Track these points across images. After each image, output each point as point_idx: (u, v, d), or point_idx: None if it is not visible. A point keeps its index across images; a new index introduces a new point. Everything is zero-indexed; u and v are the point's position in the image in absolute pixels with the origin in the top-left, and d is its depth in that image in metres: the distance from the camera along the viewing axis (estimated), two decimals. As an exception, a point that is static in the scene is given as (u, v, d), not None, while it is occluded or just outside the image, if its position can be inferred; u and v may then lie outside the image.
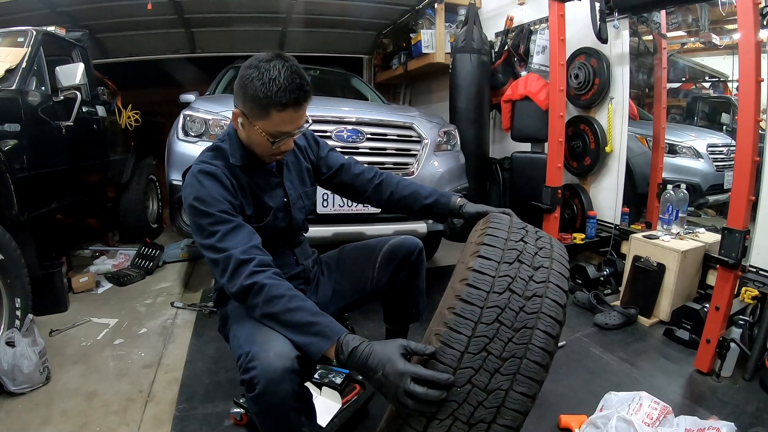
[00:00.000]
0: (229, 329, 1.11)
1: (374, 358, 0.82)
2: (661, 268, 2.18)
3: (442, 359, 0.78)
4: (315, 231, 1.44)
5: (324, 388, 1.57)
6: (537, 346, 0.79)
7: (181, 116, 2.26)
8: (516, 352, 0.78)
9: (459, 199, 1.26)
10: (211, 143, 1.19)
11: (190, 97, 2.77)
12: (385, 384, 0.80)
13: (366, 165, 1.38)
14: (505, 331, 0.79)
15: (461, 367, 0.78)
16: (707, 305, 1.85)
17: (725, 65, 3.51)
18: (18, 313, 1.79)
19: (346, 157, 1.39)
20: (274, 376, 0.86)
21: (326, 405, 1.49)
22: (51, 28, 2.55)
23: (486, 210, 1.16)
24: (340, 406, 1.50)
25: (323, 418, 1.44)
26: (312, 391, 1.53)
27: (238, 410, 1.45)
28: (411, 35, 4.15)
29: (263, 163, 1.18)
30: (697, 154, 3.20)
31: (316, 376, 1.64)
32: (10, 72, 2.10)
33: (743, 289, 1.86)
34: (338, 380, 1.59)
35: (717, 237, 2.03)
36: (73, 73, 2.32)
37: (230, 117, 2.20)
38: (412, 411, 0.78)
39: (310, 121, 1.12)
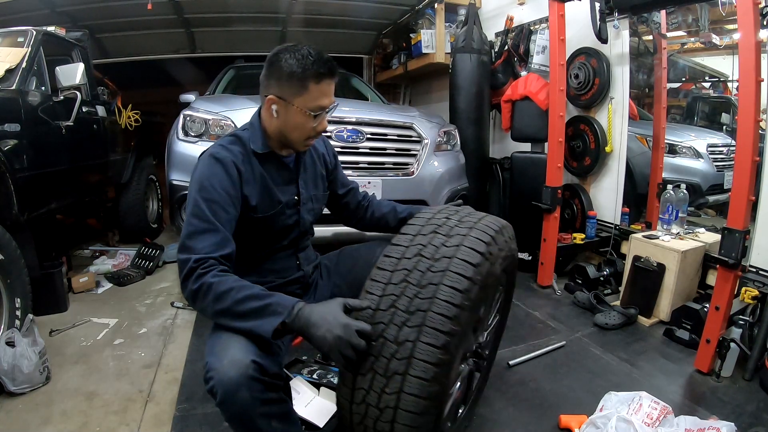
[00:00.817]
0: None
1: (317, 315, 0.87)
2: (661, 268, 2.18)
3: (360, 317, 0.90)
4: (315, 231, 1.46)
5: (322, 388, 1.57)
6: (442, 300, 0.86)
7: (181, 116, 2.26)
8: (421, 305, 0.87)
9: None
10: (210, 143, 1.20)
11: (190, 97, 2.77)
12: (328, 339, 0.85)
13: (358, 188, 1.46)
14: (411, 289, 0.89)
15: (375, 323, 0.88)
16: (707, 305, 1.85)
17: (725, 65, 3.51)
18: (18, 313, 1.78)
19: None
20: (230, 385, 0.86)
21: (324, 405, 1.49)
22: (51, 28, 2.55)
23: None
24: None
25: (321, 419, 1.44)
26: (310, 391, 1.54)
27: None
28: (411, 35, 4.15)
29: (281, 156, 1.19)
30: (697, 154, 3.20)
31: (314, 376, 1.64)
32: (10, 72, 2.10)
33: (743, 289, 1.86)
34: (336, 380, 1.59)
35: (717, 237, 2.03)
36: (73, 73, 2.32)
37: (230, 117, 2.23)
38: (352, 363, 0.85)
39: (336, 102, 1.15)
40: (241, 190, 1.10)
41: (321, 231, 2.07)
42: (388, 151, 2.35)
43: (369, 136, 2.29)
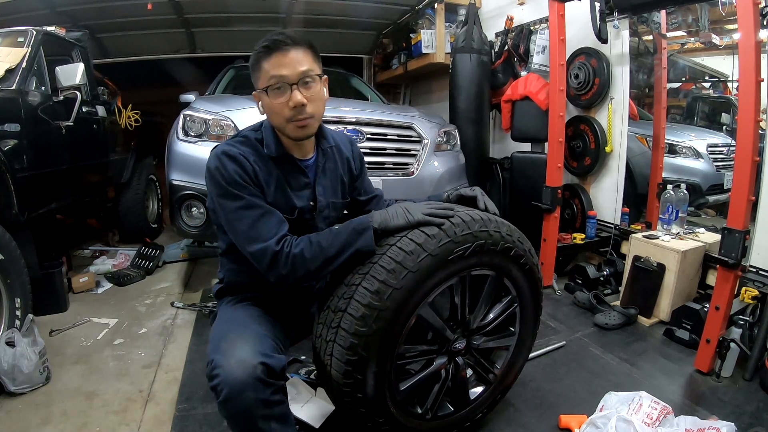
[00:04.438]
0: None
1: (391, 211, 1.08)
2: (661, 268, 2.18)
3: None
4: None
5: (319, 389, 1.57)
6: (372, 275, 1.05)
7: (181, 116, 2.26)
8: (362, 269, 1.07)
9: (449, 191, 1.34)
10: (210, 144, 1.20)
11: (190, 97, 2.77)
12: (407, 210, 1.07)
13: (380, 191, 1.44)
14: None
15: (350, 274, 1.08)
16: (707, 305, 1.85)
17: (725, 65, 3.51)
18: (18, 313, 1.79)
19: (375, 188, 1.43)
20: (236, 385, 0.87)
21: (321, 406, 1.48)
22: (51, 28, 2.55)
23: (466, 193, 1.28)
24: (335, 407, 1.50)
25: (317, 420, 1.43)
26: (307, 392, 1.54)
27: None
28: (411, 35, 4.14)
29: (298, 160, 1.16)
30: (697, 154, 3.20)
31: (312, 376, 1.64)
32: (10, 72, 2.10)
33: (743, 289, 1.86)
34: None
35: (717, 237, 2.03)
36: (73, 73, 2.32)
37: (230, 117, 2.23)
38: (433, 219, 1.07)
39: (316, 72, 1.09)
40: (259, 185, 1.08)
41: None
42: (388, 151, 2.35)
43: (369, 136, 2.29)
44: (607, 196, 2.84)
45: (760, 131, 1.59)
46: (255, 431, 0.92)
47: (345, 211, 1.35)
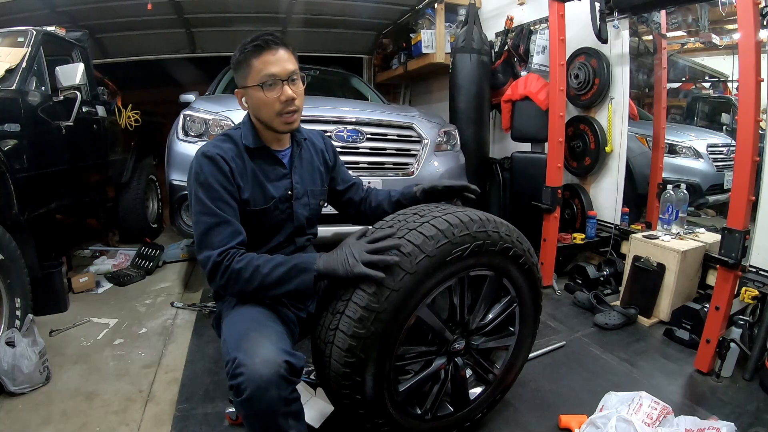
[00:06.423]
0: (221, 330, 1.12)
1: (337, 248, 1.05)
2: (661, 268, 2.18)
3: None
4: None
5: (319, 389, 1.57)
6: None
7: (181, 116, 2.26)
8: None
9: (419, 185, 1.36)
10: None
11: (190, 97, 2.77)
12: (348, 256, 1.01)
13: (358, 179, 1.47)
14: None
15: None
16: (707, 305, 1.85)
17: (725, 65, 3.51)
18: (18, 313, 1.78)
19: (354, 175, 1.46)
20: (261, 383, 0.87)
21: (320, 406, 1.48)
22: (51, 28, 2.55)
23: (436, 186, 1.30)
24: (334, 408, 1.49)
25: (316, 420, 1.43)
26: (306, 392, 1.54)
27: (233, 410, 1.44)
28: (411, 35, 4.15)
29: (275, 151, 1.20)
30: (697, 154, 3.20)
31: (312, 376, 1.64)
32: (10, 72, 2.10)
33: (743, 289, 1.86)
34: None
35: (717, 237, 2.03)
36: (73, 73, 2.32)
37: (230, 117, 2.23)
38: (370, 274, 0.99)
39: (306, 74, 1.17)
40: (235, 183, 1.12)
41: (321, 231, 2.08)
42: (388, 151, 2.35)
43: (369, 136, 2.29)
44: (607, 196, 2.84)
45: (760, 131, 1.60)
46: (274, 429, 0.92)
47: (325, 203, 1.40)
